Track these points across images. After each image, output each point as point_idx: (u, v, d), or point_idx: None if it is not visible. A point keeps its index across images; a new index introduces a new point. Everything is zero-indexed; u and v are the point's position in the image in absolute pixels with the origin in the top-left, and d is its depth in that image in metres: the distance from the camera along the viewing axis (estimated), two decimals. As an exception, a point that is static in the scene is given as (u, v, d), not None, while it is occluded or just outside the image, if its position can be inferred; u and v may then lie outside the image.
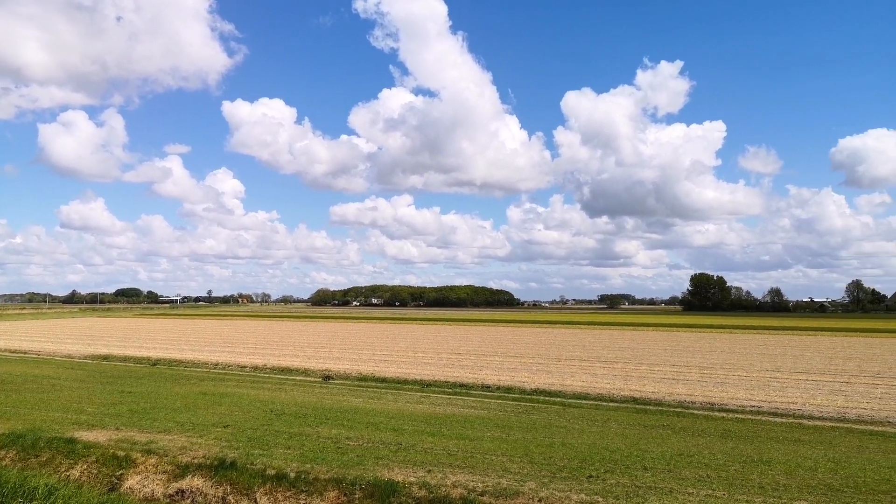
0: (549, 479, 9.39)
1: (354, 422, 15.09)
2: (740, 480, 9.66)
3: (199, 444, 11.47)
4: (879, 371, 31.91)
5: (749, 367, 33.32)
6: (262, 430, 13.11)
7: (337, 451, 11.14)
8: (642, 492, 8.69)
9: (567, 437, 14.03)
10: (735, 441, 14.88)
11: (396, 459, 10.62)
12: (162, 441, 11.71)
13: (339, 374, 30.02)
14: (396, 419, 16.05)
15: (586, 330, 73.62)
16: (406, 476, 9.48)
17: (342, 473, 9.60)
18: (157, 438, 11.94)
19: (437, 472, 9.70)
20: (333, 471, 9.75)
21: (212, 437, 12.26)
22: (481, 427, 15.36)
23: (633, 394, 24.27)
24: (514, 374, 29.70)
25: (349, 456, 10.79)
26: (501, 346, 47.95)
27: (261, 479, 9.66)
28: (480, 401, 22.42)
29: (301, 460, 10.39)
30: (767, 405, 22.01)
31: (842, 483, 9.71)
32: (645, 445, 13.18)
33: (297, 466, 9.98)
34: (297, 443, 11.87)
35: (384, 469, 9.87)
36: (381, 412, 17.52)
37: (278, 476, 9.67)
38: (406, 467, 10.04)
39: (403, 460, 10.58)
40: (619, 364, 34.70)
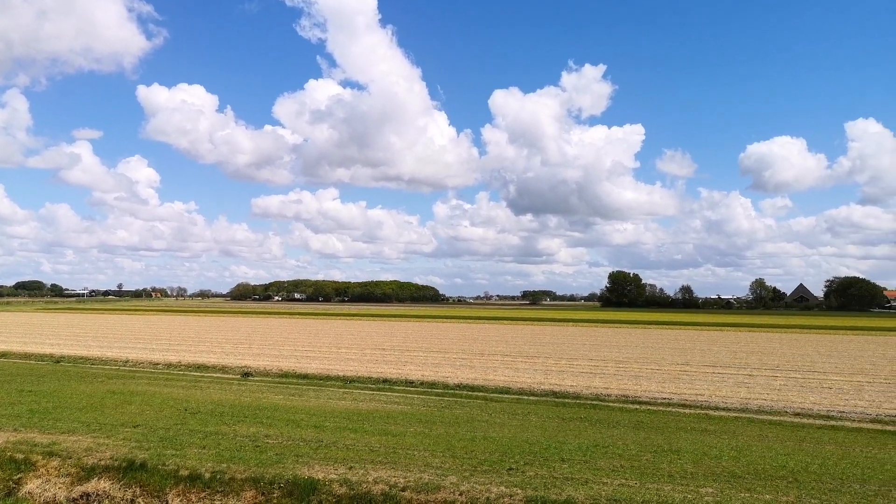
0: (471, 473, 9.50)
1: (274, 419, 14.75)
2: (651, 469, 10.08)
3: (107, 445, 10.89)
4: (778, 364, 34.09)
5: (661, 361, 34.86)
6: (175, 430, 12.59)
7: (255, 450, 10.85)
8: (559, 482, 8.92)
9: (489, 431, 14.23)
10: (647, 432, 15.53)
11: (317, 457, 10.46)
12: (65, 442, 11.04)
13: (259, 370, 29.26)
14: (318, 416, 15.80)
15: (509, 325, 74.96)
16: (327, 474, 9.34)
17: (260, 472, 9.36)
18: (60, 440, 11.25)
19: (359, 469, 9.62)
20: (251, 470, 9.49)
21: (120, 437, 11.67)
22: (404, 422, 15.35)
23: (553, 388, 24.90)
24: (438, 370, 29.86)
25: (268, 454, 10.53)
26: (426, 341, 48.11)
27: (173, 480, 9.28)
28: (404, 396, 22.41)
29: (217, 460, 10.05)
30: (677, 397, 23.09)
31: (744, 470, 10.30)
32: (563, 437, 13.55)
33: (213, 466, 9.66)
34: (213, 442, 11.48)
35: (304, 467, 9.69)
36: (302, 409, 17.20)
37: (192, 477, 9.32)
38: (327, 465, 9.90)
39: (324, 458, 10.42)
40: (540, 359, 35.51)
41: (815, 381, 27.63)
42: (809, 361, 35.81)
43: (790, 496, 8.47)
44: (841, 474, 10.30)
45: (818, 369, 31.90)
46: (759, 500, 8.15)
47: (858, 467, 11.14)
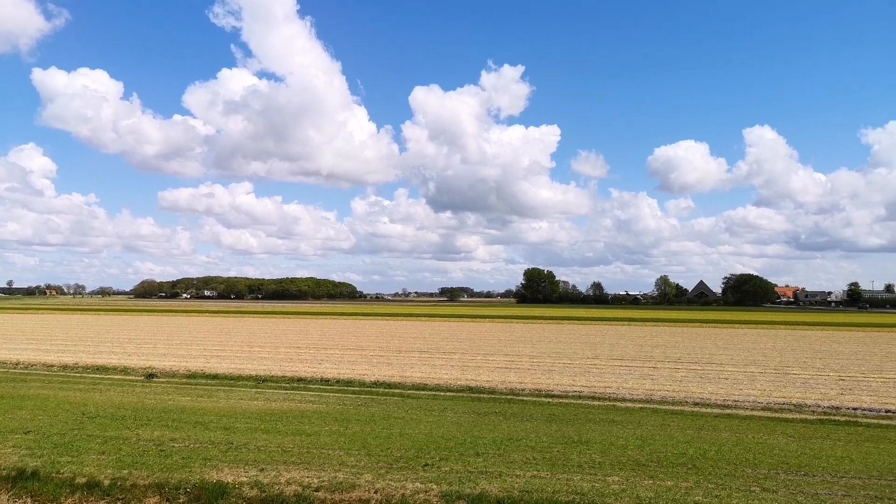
0: (386, 470, 9.45)
1: (180, 422, 14.13)
2: (562, 461, 10.38)
3: (-8, 455, 10.07)
4: (680, 357, 36.00)
5: (573, 356, 36.03)
6: (71, 435, 11.81)
7: (159, 455, 10.34)
8: (474, 477, 9.02)
9: (405, 428, 14.22)
10: (559, 424, 16.00)
11: (226, 459, 10.09)
12: (-58, 454, 10.12)
13: (165, 371, 27.97)
14: (228, 417, 15.27)
15: (427, 322, 75.28)
16: (237, 476, 9.03)
17: (165, 478, 8.93)
18: (-64, 451, 10.30)
19: (271, 471, 9.36)
20: (155, 475, 9.03)
21: (10, 444, 10.82)
22: (319, 422, 15.09)
23: (469, 383, 25.21)
24: (355, 367, 29.58)
25: (173, 459, 10.06)
26: (342, 339, 47.54)
27: (69, 488, 8.70)
28: (319, 395, 22.05)
29: (117, 466, 9.51)
30: (588, 390, 23.94)
31: (647, 458, 10.79)
32: (478, 432, 13.74)
33: (113, 473, 9.13)
34: (114, 447, 10.85)
35: (213, 470, 9.33)
36: (210, 411, 16.57)
37: (90, 484, 8.77)
38: (237, 467, 9.57)
39: (234, 460, 10.08)
40: (457, 355, 35.87)
41: (712, 372, 29.36)
42: (708, 354, 38.03)
43: (689, 482, 8.94)
44: (735, 459, 10.98)
45: (716, 361, 33.93)
46: (662, 487, 8.55)
47: (751, 452, 11.92)
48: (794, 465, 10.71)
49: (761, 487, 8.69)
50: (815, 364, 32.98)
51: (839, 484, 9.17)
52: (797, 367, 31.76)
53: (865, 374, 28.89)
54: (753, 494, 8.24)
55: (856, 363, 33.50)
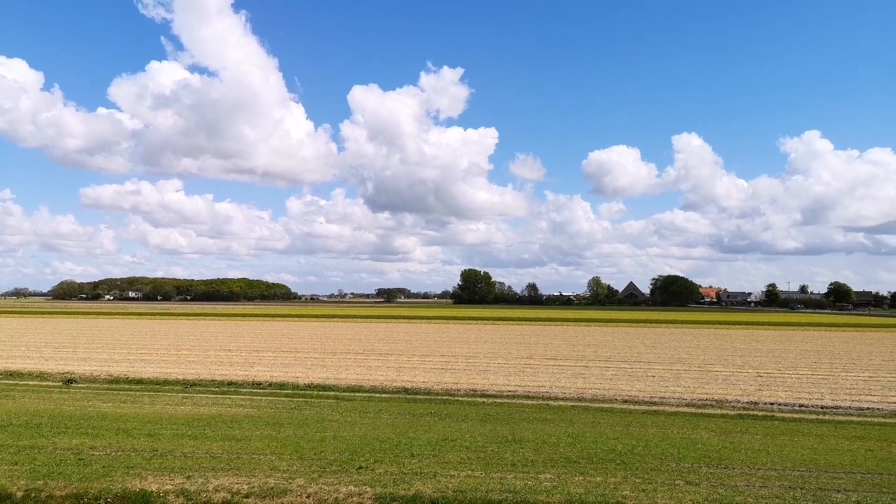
0: (319, 474, 9.30)
1: (101, 429, 13.48)
2: (496, 459, 10.50)
3: None
4: (611, 356, 37.05)
5: (508, 356, 36.50)
6: (-21, 447, 11.08)
7: (78, 464, 9.83)
8: (409, 478, 9.00)
9: (339, 431, 14.05)
10: (493, 423, 16.17)
11: (151, 467, 9.70)
12: None
13: (85, 376, 26.65)
14: (153, 423, 14.68)
15: (363, 323, 74.65)
16: (161, 485, 8.69)
17: (84, 488, 8.50)
18: None
19: (198, 478, 9.05)
20: (73, 485, 8.58)
21: None
22: (250, 426, 14.72)
23: (404, 384, 25.14)
24: (288, 370, 29.01)
25: (93, 468, 9.59)
26: (276, 341, 46.54)
27: (-26, 503, 8.15)
28: (250, 399, 21.50)
29: (31, 477, 8.98)
30: (522, 389, 24.29)
31: (578, 455, 11.04)
32: (413, 433, 13.72)
33: (27, 484, 8.61)
34: (28, 457, 10.25)
35: (136, 479, 8.94)
36: (134, 417, 15.89)
37: (1, 497, 8.25)
38: (162, 475, 9.21)
39: (159, 468, 9.69)
40: (392, 356, 35.72)
41: (641, 370, 30.35)
42: (637, 353, 39.29)
43: (618, 477, 9.20)
44: (661, 454, 11.38)
45: (644, 360, 35.10)
46: (591, 483, 8.77)
47: (675, 447, 12.38)
48: (716, 458, 11.19)
49: (685, 481, 9.03)
50: (736, 362, 34.59)
51: (756, 475, 9.64)
52: (719, 364, 33.23)
53: (781, 371, 30.51)
54: (678, 487, 8.56)
55: (773, 360, 35.35)
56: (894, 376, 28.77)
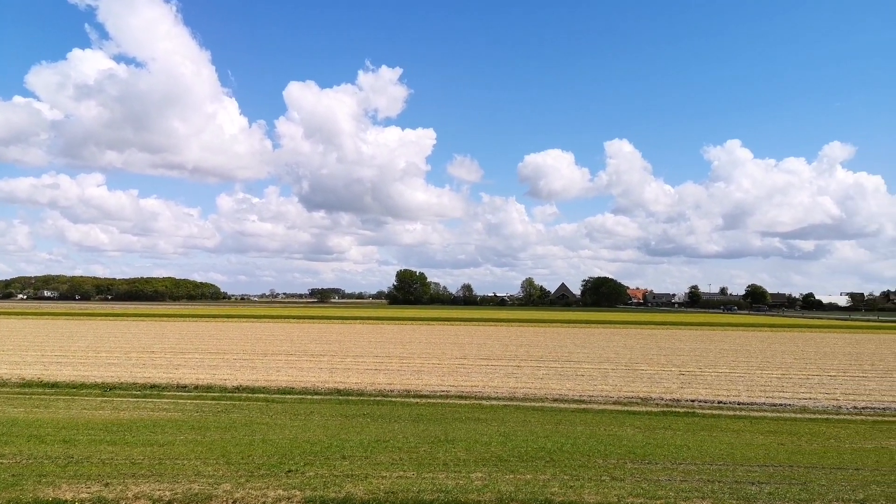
0: (247, 479, 9.06)
1: (11, 436, 12.69)
2: (428, 460, 10.50)
3: None
4: (542, 356, 37.75)
5: (442, 356, 36.63)
6: None
7: (-17, 474, 9.21)
8: (340, 480, 8.88)
9: (268, 434, 13.73)
10: (426, 424, 16.18)
11: (65, 475, 9.19)
12: None
13: (-6, 380, 25.03)
14: (68, 429, 13.94)
15: (295, 324, 73.29)
16: (77, 493, 8.25)
17: (-12, 500, 7.97)
18: None
19: (117, 485, 8.64)
20: (-24, 498, 8.03)
21: None
22: (173, 430, 14.18)
23: (337, 386, 24.84)
24: (216, 372, 28.15)
25: (2, 476, 9.01)
26: (203, 342, 45.07)
27: None
28: (175, 402, 20.73)
29: (-72, 490, 8.35)
30: (455, 389, 24.43)
31: (510, 454, 11.19)
32: (345, 435, 13.56)
33: (-78, 498, 8.00)
34: (-76, 468, 9.52)
35: (49, 488, 8.45)
36: (48, 422, 15.03)
37: None
38: (77, 483, 8.74)
39: (74, 475, 9.20)
40: (325, 357, 35.23)
41: (571, 369, 31.07)
42: (567, 352, 40.21)
43: (547, 474, 9.38)
44: (588, 451, 11.67)
45: (574, 359, 35.95)
46: (522, 480, 8.90)
47: (602, 444, 12.73)
48: (640, 454, 11.57)
49: (611, 476, 9.29)
50: (660, 360, 35.92)
51: (678, 470, 10.02)
52: (644, 363, 34.42)
53: (702, 369, 31.89)
54: (604, 483, 8.80)
55: (694, 359, 36.90)
56: (804, 374, 30.57)
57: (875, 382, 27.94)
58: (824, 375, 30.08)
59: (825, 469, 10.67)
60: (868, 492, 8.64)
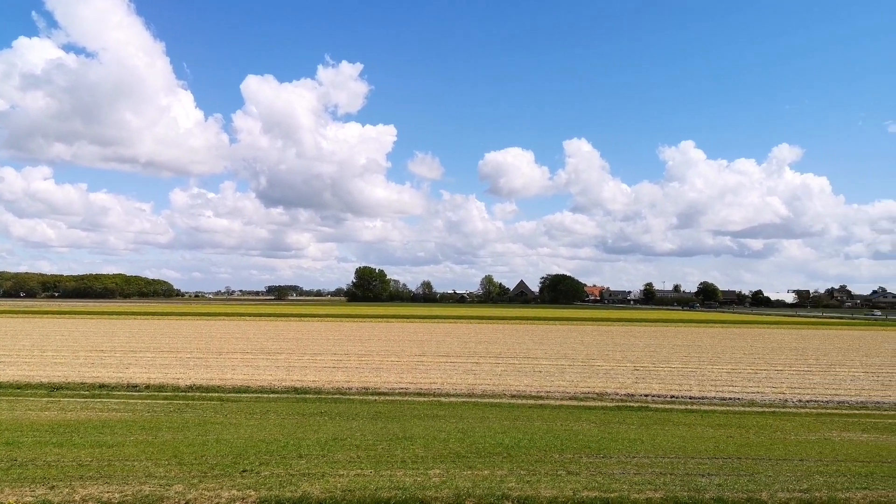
0: (200, 480, 8.87)
1: (-51, 439, 12.15)
2: (386, 457, 10.47)
3: None
4: (501, 352, 38.03)
5: (401, 353, 36.56)
6: None
7: (-83, 479, 8.80)
8: (296, 479, 8.78)
9: (222, 434, 13.48)
10: (384, 421, 16.13)
11: (8, 478, 8.85)
12: None
13: (-69, 381, 23.92)
14: (12, 431, 13.42)
15: (251, 322, 72.11)
16: (21, 496, 7.95)
17: (-77, 506, 7.62)
18: None
19: (63, 488, 8.36)
20: None
21: None
22: (124, 431, 13.80)
23: (294, 384, 24.55)
24: (168, 371, 27.49)
25: (-63, 483, 8.62)
26: (155, 340, 43.95)
27: None
28: (125, 402, 20.18)
29: None
30: (414, 386, 24.41)
31: (467, 450, 11.24)
32: (302, 434, 13.41)
33: None
34: None
35: (-11, 493, 8.13)
36: (-11, 424, 14.45)
37: None
38: (21, 486, 8.43)
39: (18, 478, 8.86)
40: (282, 355, 34.77)
41: (529, 366, 31.39)
42: (525, 349, 40.61)
43: (504, 469, 9.45)
44: (545, 446, 11.81)
45: (532, 355, 36.33)
46: (479, 476, 8.95)
47: (559, 439, 12.90)
48: (595, 448, 11.77)
49: (567, 471, 9.43)
50: (616, 356, 36.60)
51: (632, 463, 10.23)
52: (601, 359, 35.02)
53: (656, 365, 32.62)
54: (560, 477, 8.92)
55: (648, 355, 37.72)
56: (753, 369, 31.57)
57: (819, 377, 29.04)
58: (771, 370, 31.12)
59: (771, 461, 11.04)
60: (811, 482, 8.97)
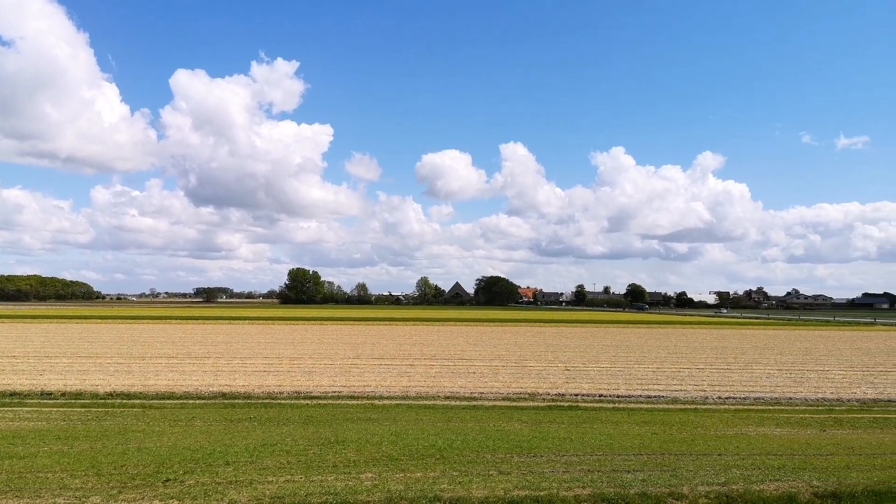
0: (119, 491, 8.48)
1: None
2: (317, 462, 10.30)
3: None
4: (435, 354, 38.11)
5: (334, 356, 36.08)
6: None
7: None
8: (222, 487, 8.52)
9: (144, 442, 12.93)
10: (316, 426, 15.87)
11: None
12: None
13: None
14: None
15: (178, 325, 69.55)
16: (-85, 516, 7.39)
17: None
18: None
19: (-34, 505, 7.82)
20: None
21: None
22: (36, 441, 13.04)
23: (222, 389, 23.83)
24: (86, 377, 26.16)
25: None
26: (72, 345, 41.74)
27: None
28: (38, 411, 19.07)
29: None
30: (347, 390, 24.14)
31: (401, 452, 11.20)
32: (230, 440, 13.03)
33: None
34: None
35: None
36: None
37: None
38: (-83, 505, 7.83)
39: (-87, 497, 8.23)
40: (210, 359, 33.70)
41: (463, 367, 31.58)
42: (460, 350, 40.86)
43: (437, 471, 9.47)
44: (478, 447, 11.91)
45: (466, 357, 36.58)
46: (412, 479, 8.93)
47: (491, 439, 13.03)
48: (527, 448, 11.96)
49: (498, 471, 9.53)
50: (548, 357, 37.32)
51: (561, 462, 10.45)
52: (533, 360, 35.62)
53: (586, 364, 33.45)
54: (491, 477, 9.01)
55: (579, 355, 38.64)
56: (676, 367, 32.84)
57: (737, 374, 30.51)
58: (693, 368, 32.47)
59: (693, 455, 11.51)
60: (729, 475, 9.41)
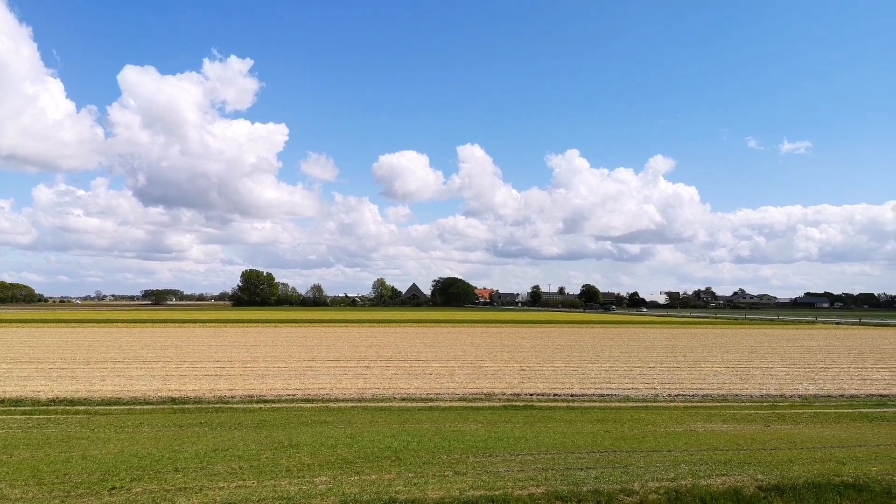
0: (62, 500, 8.18)
1: None
2: (270, 467, 10.13)
3: None
4: (392, 356, 37.95)
5: (289, 359, 35.58)
6: None
7: None
8: (171, 495, 8.30)
9: (89, 449, 12.48)
10: (269, 430, 15.60)
11: None
12: None
13: None
14: None
15: (125, 328, 67.44)
16: None
17: None
18: None
19: None
20: None
21: None
22: (-29, 451, 12.43)
23: (171, 394, 23.22)
24: (27, 384, 25.13)
25: None
26: (11, 350, 40.04)
27: None
28: (-25, 419, 18.20)
29: None
30: (302, 393, 23.82)
31: (356, 455, 11.10)
32: (179, 446, 12.70)
33: None
34: None
35: None
36: None
37: None
38: None
39: None
40: (159, 364, 32.78)
41: (419, 368, 31.54)
42: (416, 351, 40.80)
43: (392, 473, 9.43)
44: (433, 448, 11.90)
45: (423, 358, 36.55)
46: (367, 481, 8.87)
47: (447, 440, 13.04)
48: (482, 448, 12.01)
49: (454, 471, 9.55)
50: (503, 357, 37.59)
51: (516, 461, 10.53)
52: (489, 360, 35.83)
53: (541, 364, 33.82)
54: (447, 478, 9.02)
55: (534, 355, 39.05)
56: (628, 366, 33.51)
57: (686, 372, 31.32)
58: (645, 367, 33.20)
59: (643, 452, 11.76)
60: (678, 470, 9.65)
